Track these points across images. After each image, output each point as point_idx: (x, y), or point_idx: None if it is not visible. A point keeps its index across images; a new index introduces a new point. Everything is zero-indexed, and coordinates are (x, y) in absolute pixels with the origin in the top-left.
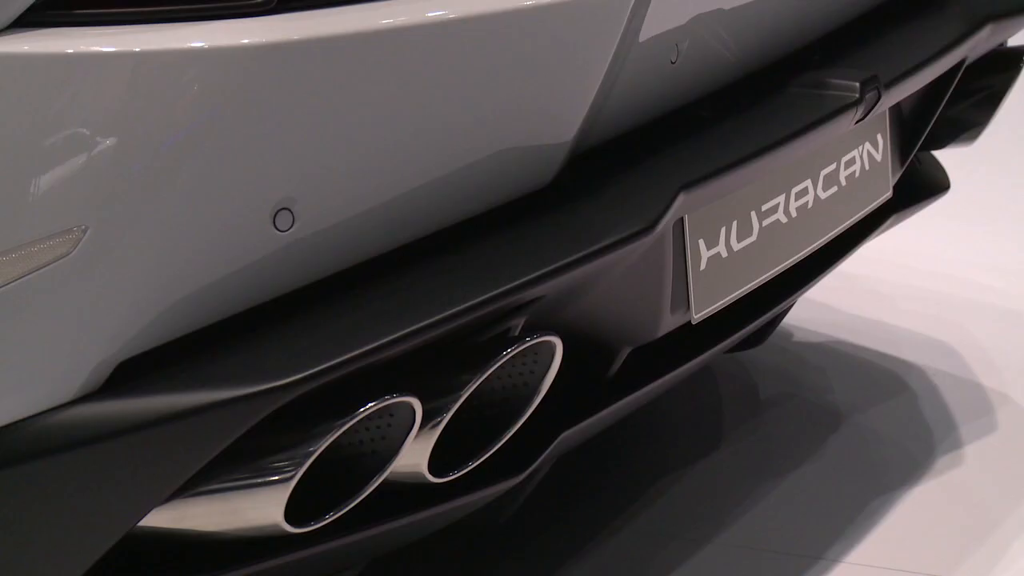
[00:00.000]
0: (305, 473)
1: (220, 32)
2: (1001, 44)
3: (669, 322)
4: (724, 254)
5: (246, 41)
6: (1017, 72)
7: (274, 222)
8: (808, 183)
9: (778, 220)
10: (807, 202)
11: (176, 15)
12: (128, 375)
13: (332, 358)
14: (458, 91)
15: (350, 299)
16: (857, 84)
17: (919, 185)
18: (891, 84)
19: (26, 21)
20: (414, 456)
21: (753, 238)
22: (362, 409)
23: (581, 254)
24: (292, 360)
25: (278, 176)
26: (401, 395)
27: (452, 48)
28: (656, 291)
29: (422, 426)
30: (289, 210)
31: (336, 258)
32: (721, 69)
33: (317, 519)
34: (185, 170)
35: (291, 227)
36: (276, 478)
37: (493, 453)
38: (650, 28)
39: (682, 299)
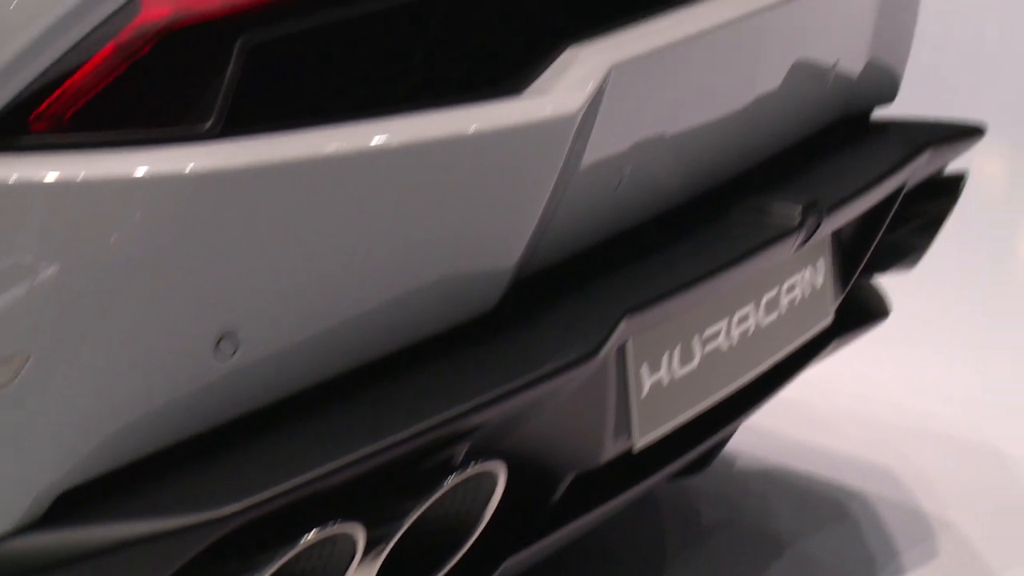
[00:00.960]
0: None
1: (164, 159)
2: (939, 170)
3: (612, 449)
4: (666, 381)
5: (189, 168)
6: (955, 198)
7: (216, 349)
8: (751, 308)
9: (719, 347)
10: (748, 328)
11: (120, 140)
12: (69, 505)
13: (273, 487)
14: (400, 217)
15: (291, 426)
16: (798, 209)
17: (859, 311)
18: (832, 209)
19: None
20: None
21: (695, 364)
22: (304, 539)
23: (523, 381)
24: (234, 489)
25: (220, 304)
26: (344, 523)
27: (395, 174)
28: (599, 417)
29: (365, 554)
30: (231, 338)
31: (278, 385)
32: (664, 193)
33: None
34: (128, 298)
35: (234, 355)
36: None
37: None
38: (593, 153)
39: (624, 426)
